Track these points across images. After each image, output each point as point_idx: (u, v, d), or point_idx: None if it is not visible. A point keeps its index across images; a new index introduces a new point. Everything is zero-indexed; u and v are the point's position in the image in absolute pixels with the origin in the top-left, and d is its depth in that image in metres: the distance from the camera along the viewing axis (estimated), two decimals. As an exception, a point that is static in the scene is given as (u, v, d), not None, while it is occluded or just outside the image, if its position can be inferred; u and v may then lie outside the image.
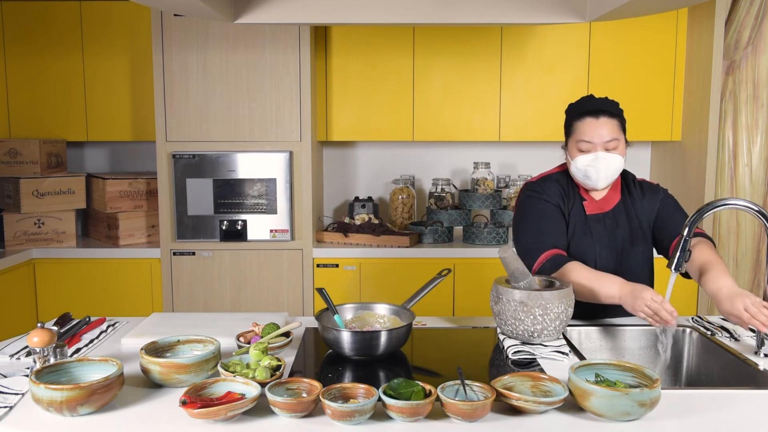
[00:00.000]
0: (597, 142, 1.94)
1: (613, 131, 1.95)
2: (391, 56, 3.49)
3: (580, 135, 1.96)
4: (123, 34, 3.50)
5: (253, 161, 3.25)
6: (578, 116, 1.99)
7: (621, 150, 1.97)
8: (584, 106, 2.00)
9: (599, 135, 1.94)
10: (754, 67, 3.26)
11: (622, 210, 2.05)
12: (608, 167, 1.95)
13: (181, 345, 1.63)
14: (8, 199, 3.42)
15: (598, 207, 2.04)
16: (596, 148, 1.94)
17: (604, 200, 2.05)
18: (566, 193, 2.05)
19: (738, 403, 1.44)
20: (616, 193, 2.07)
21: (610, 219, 2.03)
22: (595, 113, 1.96)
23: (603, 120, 1.95)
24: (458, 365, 1.46)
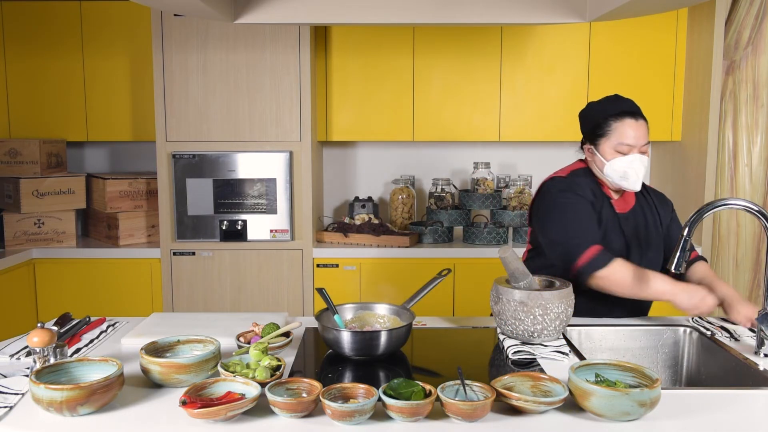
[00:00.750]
0: (637, 144, 1.95)
1: (647, 135, 1.98)
2: (391, 56, 3.49)
3: (622, 137, 1.95)
4: (123, 34, 3.50)
5: (253, 161, 3.25)
6: (616, 117, 1.96)
7: (648, 153, 2.01)
8: (621, 107, 1.98)
9: (638, 137, 1.95)
10: (754, 67, 3.26)
11: (639, 212, 2.08)
12: (644, 169, 1.97)
13: (181, 345, 1.63)
14: (8, 199, 3.42)
15: (623, 207, 2.06)
16: (635, 150, 1.95)
17: (624, 201, 2.07)
18: (593, 191, 2.05)
19: (738, 403, 1.44)
20: (632, 197, 2.09)
21: (634, 218, 2.06)
22: (634, 115, 1.96)
23: (641, 122, 1.97)
24: (458, 365, 1.46)
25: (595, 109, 2.04)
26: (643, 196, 2.12)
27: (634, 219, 2.06)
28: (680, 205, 3.56)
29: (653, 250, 2.05)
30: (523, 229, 3.49)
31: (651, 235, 2.06)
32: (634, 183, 1.97)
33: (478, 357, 1.79)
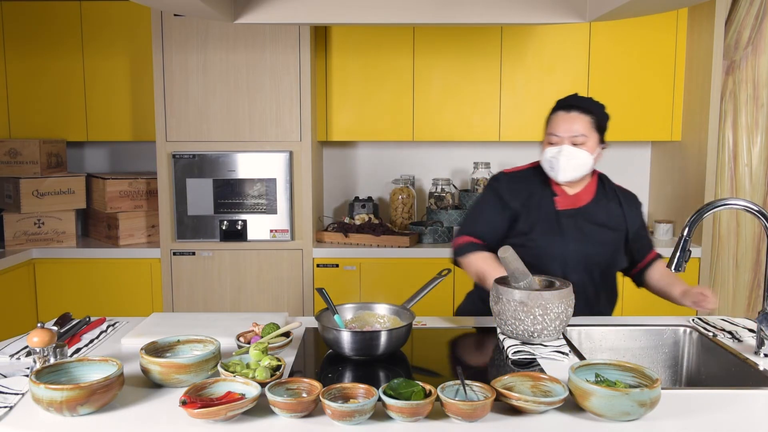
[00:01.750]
0: (563, 135, 1.98)
1: (583, 127, 1.99)
2: (391, 56, 3.49)
3: (551, 128, 2.02)
4: (123, 34, 3.50)
5: (253, 161, 3.25)
6: (553, 110, 2.05)
7: (589, 147, 2.00)
8: (561, 102, 2.05)
9: (566, 129, 1.98)
10: (754, 67, 3.26)
11: (594, 210, 2.08)
12: (570, 161, 1.98)
13: (181, 345, 1.63)
14: (8, 199, 3.42)
15: (570, 203, 2.07)
16: (563, 142, 1.99)
17: (576, 197, 2.08)
18: (536, 188, 2.09)
19: (738, 403, 1.44)
20: (589, 193, 2.09)
21: (582, 215, 2.06)
22: (567, 107, 2.01)
23: (573, 114, 1.99)
24: (458, 365, 1.46)
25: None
26: (605, 196, 2.11)
27: (580, 216, 2.06)
28: (680, 205, 3.56)
29: (603, 247, 2.05)
30: (523, 229, 3.49)
31: (602, 234, 2.05)
32: (557, 173, 2.01)
33: (478, 357, 1.79)
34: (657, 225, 3.61)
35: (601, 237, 2.05)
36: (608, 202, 2.10)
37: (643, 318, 2.10)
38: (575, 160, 1.98)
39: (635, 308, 3.41)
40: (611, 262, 2.08)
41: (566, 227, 2.03)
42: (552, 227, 2.04)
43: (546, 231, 2.03)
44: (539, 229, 2.04)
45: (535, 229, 2.04)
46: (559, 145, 1.99)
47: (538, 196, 2.08)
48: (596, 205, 2.09)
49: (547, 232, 2.03)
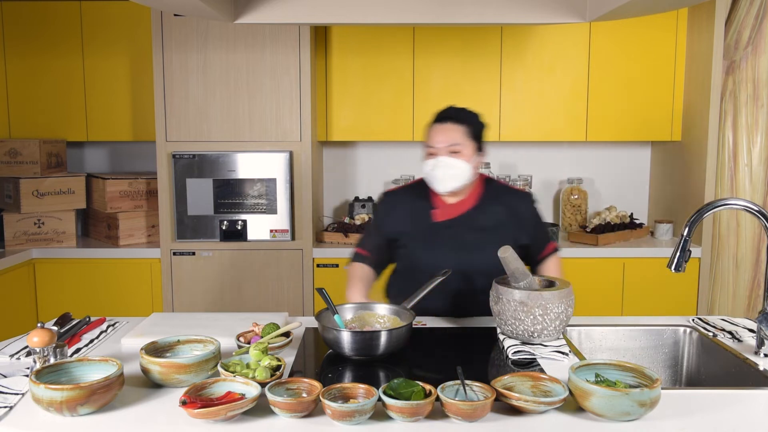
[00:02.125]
0: (439, 147, 2.01)
1: (456, 137, 2.00)
2: (391, 56, 3.49)
3: (428, 140, 2.05)
4: (123, 34, 3.50)
5: (253, 161, 3.25)
6: (429, 125, 2.07)
7: (465, 156, 2.01)
8: (437, 114, 2.08)
9: (441, 139, 2.01)
10: (754, 67, 3.26)
11: (475, 215, 2.08)
12: (447, 171, 2.00)
13: (181, 345, 1.63)
14: (8, 199, 3.42)
15: (447, 213, 2.09)
16: (440, 153, 2.00)
17: (455, 206, 2.09)
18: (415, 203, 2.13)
19: (738, 403, 1.44)
20: (471, 199, 2.10)
21: (459, 224, 2.07)
22: (442, 119, 2.03)
23: (447, 126, 2.02)
24: (458, 365, 1.46)
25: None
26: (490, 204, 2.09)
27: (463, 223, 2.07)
28: (680, 205, 3.56)
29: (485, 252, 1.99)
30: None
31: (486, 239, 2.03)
32: (437, 185, 2.03)
33: (478, 357, 1.79)
34: (657, 225, 3.61)
35: (484, 243, 2.03)
36: (494, 206, 2.10)
37: (643, 318, 2.10)
38: (452, 170, 2.00)
39: (635, 308, 3.42)
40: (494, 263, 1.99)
41: (442, 238, 2.06)
42: (426, 240, 2.07)
43: (420, 244, 2.07)
44: (414, 244, 2.09)
45: (411, 243, 2.09)
46: (437, 156, 2.01)
47: (417, 211, 2.12)
48: (478, 210, 2.09)
49: (421, 246, 2.07)
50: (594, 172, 3.93)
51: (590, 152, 3.92)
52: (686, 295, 3.40)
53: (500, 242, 2.00)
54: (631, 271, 3.38)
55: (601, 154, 3.92)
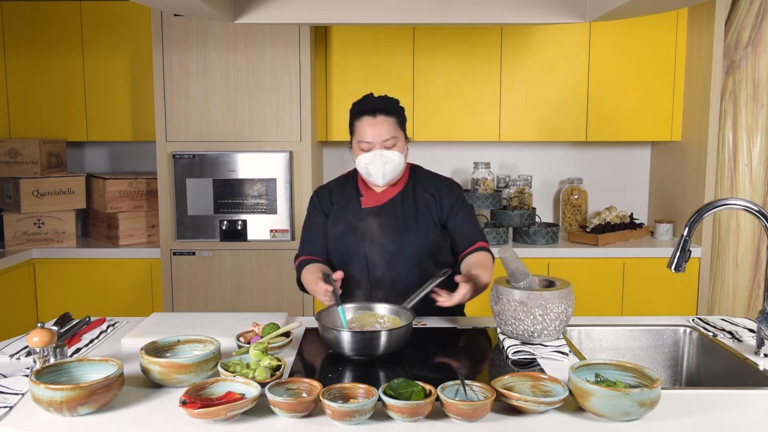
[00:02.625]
0: (375, 141, 2.01)
1: (390, 130, 2.02)
2: (391, 56, 3.49)
3: (360, 135, 2.03)
4: (123, 34, 3.50)
5: (253, 161, 3.25)
6: (357, 116, 2.06)
7: (399, 147, 2.04)
8: (362, 106, 2.06)
9: (376, 134, 2.00)
10: (754, 67, 3.26)
11: (400, 201, 2.10)
12: (386, 164, 2.01)
13: (181, 345, 1.63)
14: (8, 199, 3.42)
15: (374, 200, 2.10)
16: (375, 147, 2.01)
17: (382, 193, 2.11)
18: (342, 192, 2.14)
19: (738, 403, 1.44)
20: (397, 187, 2.11)
21: (385, 210, 2.08)
22: (372, 112, 2.02)
23: (380, 119, 2.02)
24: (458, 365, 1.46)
25: (351, 109, 2.12)
26: (414, 189, 2.12)
27: (388, 209, 2.08)
28: (680, 205, 3.56)
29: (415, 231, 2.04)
30: (524, 229, 3.49)
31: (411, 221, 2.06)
32: (376, 178, 2.03)
33: (478, 357, 1.79)
34: (657, 225, 3.61)
35: (408, 228, 2.05)
36: (419, 192, 2.11)
37: (643, 318, 2.10)
38: (390, 164, 2.02)
39: (635, 308, 3.42)
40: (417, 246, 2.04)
41: (366, 225, 2.06)
42: (354, 227, 2.07)
43: (349, 231, 2.07)
44: (343, 231, 2.08)
45: (340, 231, 2.09)
46: (372, 150, 2.01)
47: (345, 200, 2.13)
48: (401, 198, 2.10)
49: (349, 233, 2.07)
50: (594, 172, 3.93)
51: (590, 152, 3.92)
52: (686, 295, 3.40)
53: (424, 228, 2.06)
54: (631, 271, 3.38)
55: (601, 154, 3.92)
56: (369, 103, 2.06)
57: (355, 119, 2.07)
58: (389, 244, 2.04)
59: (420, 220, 2.07)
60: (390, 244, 2.03)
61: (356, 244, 2.05)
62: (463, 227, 2.11)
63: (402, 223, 2.06)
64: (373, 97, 2.09)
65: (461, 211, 2.11)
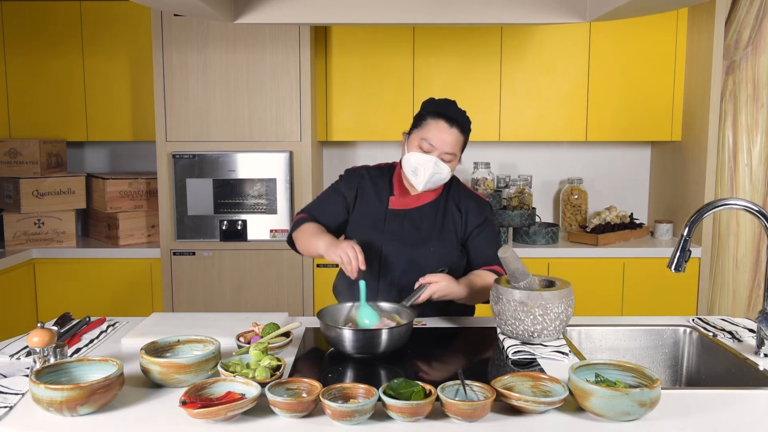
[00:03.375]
0: (440, 147, 1.95)
1: (456, 146, 1.97)
2: (391, 56, 3.49)
3: (427, 133, 1.96)
4: (123, 34, 3.50)
5: (253, 161, 3.25)
6: (435, 115, 1.97)
7: (453, 165, 2.00)
8: (444, 109, 1.99)
9: (444, 142, 1.95)
10: (754, 67, 3.26)
11: (428, 210, 2.06)
12: (435, 174, 1.96)
13: (181, 345, 1.63)
14: (8, 199, 3.42)
15: (404, 203, 2.06)
16: (434, 152, 1.95)
17: (414, 197, 2.07)
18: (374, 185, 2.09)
19: (738, 403, 1.44)
20: (430, 195, 2.07)
21: (411, 216, 2.05)
22: (451, 121, 1.96)
23: (454, 130, 1.96)
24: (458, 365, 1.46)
25: (427, 102, 2.05)
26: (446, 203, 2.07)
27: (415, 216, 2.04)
28: (680, 205, 3.56)
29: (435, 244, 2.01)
30: (524, 229, 3.49)
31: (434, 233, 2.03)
32: (419, 182, 1.98)
33: (478, 357, 1.79)
34: (657, 225, 3.61)
35: (424, 241, 2.02)
36: (448, 207, 2.07)
37: (643, 318, 2.10)
38: (439, 175, 1.97)
39: (635, 308, 3.42)
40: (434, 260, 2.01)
41: (388, 226, 2.03)
42: (377, 225, 2.03)
43: (371, 228, 2.03)
44: (365, 223, 2.05)
45: (362, 222, 2.06)
46: (431, 153, 1.96)
47: (376, 192, 2.08)
48: (431, 208, 2.06)
49: (371, 229, 2.03)
50: (594, 172, 3.93)
51: (590, 152, 3.92)
52: (686, 295, 3.40)
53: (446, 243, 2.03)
54: (631, 271, 3.38)
55: (601, 154, 3.92)
56: (451, 110, 1.99)
57: (430, 116, 1.98)
58: (407, 251, 2.01)
59: (443, 235, 2.03)
60: (408, 252, 2.01)
61: (373, 241, 2.01)
62: (483, 249, 2.06)
63: (425, 233, 2.03)
64: (456, 106, 2.02)
65: (484, 233, 2.06)
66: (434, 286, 1.87)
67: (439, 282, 1.87)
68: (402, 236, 2.02)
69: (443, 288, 1.87)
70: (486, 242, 2.06)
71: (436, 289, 1.87)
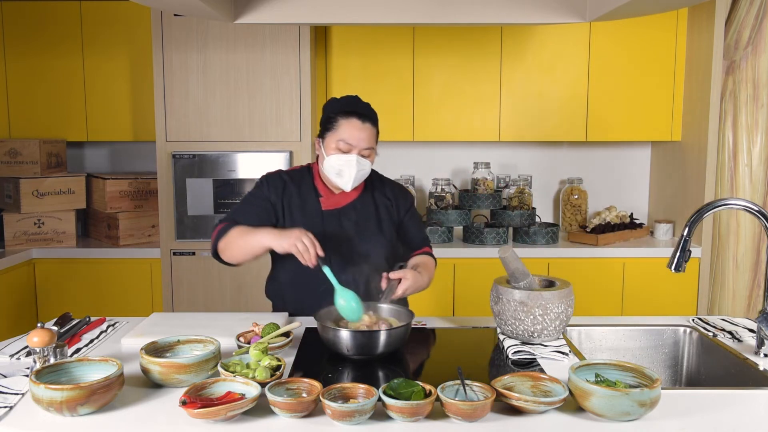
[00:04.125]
0: (358, 146, 1.97)
1: (371, 140, 2.00)
2: (391, 56, 3.49)
3: (344, 134, 1.97)
4: (123, 34, 3.50)
5: (253, 161, 3.25)
6: (345, 115, 1.99)
7: (372, 158, 2.03)
8: (352, 107, 2.01)
9: (360, 139, 1.97)
10: (754, 67, 3.26)
11: (358, 205, 2.09)
12: (359, 171, 1.98)
13: (181, 345, 1.63)
14: (8, 199, 3.42)
15: (334, 203, 2.08)
16: (354, 151, 1.97)
17: (341, 196, 2.09)
18: (298, 189, 2.08)
19: (738, 403, 1.44)
20: (356, 190, 2.10)
21: (345, 214, 2.07)
22: (362, 117, 1.98)
23: (367, 126, 1.99)
24: (458, 365, 1.46)
25: (332, 104, 2.05)
26: (373, 194, 2.12)
27: (348, 213, 2.07)
28: (680, 205, 3.56)
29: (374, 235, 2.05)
30: (524, 229, 3.49)
31: (370, 224, 2.07)
32: (346, 182, 1.99)
33: (478, 357, 1.79)
34: (657, 225, 3.61)
35: (367, 234, 2.06)
36: (375, 196, 2.12)
37: (643, 318, 2.10)
38: (362, 171, 1.99)
39: (635, 308, 3.42)
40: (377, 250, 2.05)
41: (328, 227, 2.04)
42: (314, 226, 2.01)
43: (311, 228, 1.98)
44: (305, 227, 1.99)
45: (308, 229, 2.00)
46: (350, 153, 1.97)
47: (304, 198, 2.08)
48: (362, 202, 2.10)
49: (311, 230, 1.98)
50: (594, 172, 3.93)
51: (590, 152, 3.92)
52: (686, 295, 3.40)
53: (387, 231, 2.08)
54: (631, 271, 3.38)
55: (601, 154, 3.93)
56: (359, 107, 2.02)
57: (340, 117, 1.99)
58: (356, 247, 2.03)
59: (383, 224, 2.09)
60: (357, 247, 2.03)
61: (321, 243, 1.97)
62: (413, 233, 2.16)
63: (366, 226, 2.07)
64: (361, 101, 2.04)
65: (413, 217, 2.17)
66: (405, 283, 1.89)
67: (408, 278, 1.89)
68: (344, 234, 2.04)
69: (412, 283, 1.90)
70: (415, 226, 2.18)
71: (407, 286, 1.89)
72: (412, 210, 2.19)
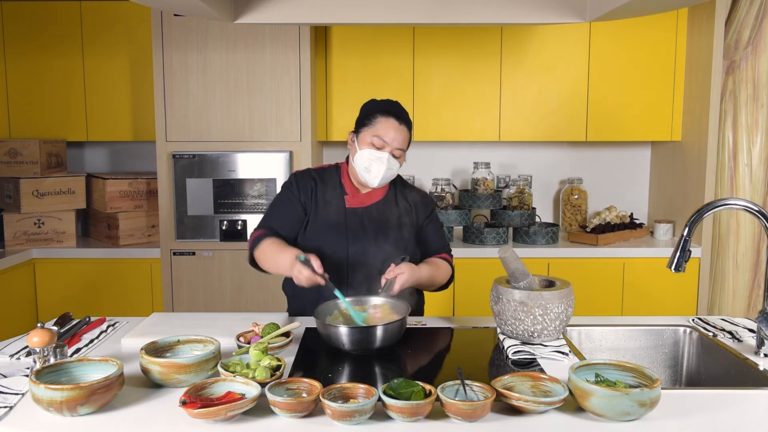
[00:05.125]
0: (392, 144, 2.00)
1: (405, 142, 2.04)
2: (391, 56, 3.49)
3: (380, 131, 2.01)
4: (123, 34, 3.50)
5: (253, 161, 3.25)
6: (384, 113, 2.03)
7: (401, 162, 2.06)
8: (391, 107, 2.06)
9: (395, 139, 2.00)
10: (754, 67, 3.26)
11: (383, 207, 2.11)
12: (388, 171, 2.01)
13: (181, 345, 1.63)
14: (8, 199, 3.42)
15: (359, 201, 2.10)
16: (386, 149, 2.00)
17: (366, 196, 2.11)
18: (326, 187, 2.11)
19: (738, 403, 1.44)
20: (381, 191, 2.12)
21: (368, 213, 2.09)
22: (400, 118, 2.03)
23: (403, 128, 2.03)
24: (458, 365, 1.46)
25: (372, 102, 2.10)
26: (396, 197, 2.14)
27: (372, 213, 2.08)
28: (680, 205, 3.56)
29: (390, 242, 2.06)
30: (524, 229, 3.49)
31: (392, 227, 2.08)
32: (373, 178, 2.01)
33: (478, 357, 1.79)
34: (657, 225, 3.61)
35: (386, 236, 2.07)
36: (398, 200, 2.14)
37: (643, 318, 2.10)
38: (391, 171, 2.02)
39: (635, 308, 3.42)
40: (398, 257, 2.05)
41: (350, 225, 2.06)
42: (339, 225, 2.05)
43: (334, 228, 2.05)
44: (325, 225, 2.06)
45: (322, 224, 2.07)
46: (383, 150, 2.00)
47: (329, 194, 2.10)
48: (385, 203, 2.11)
49: (335, 229, 2.05)
50: (594, 172, 3.93)
51: (590, 152, 3.92)
52: (686, 295, 3.40)
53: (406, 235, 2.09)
54: (631, 271, 3.38)
55: (601, 154, 3.93)
56: (398, 109, 2.06)
57: (379, 114, 2.03)
58: (374, 247, 2.04)
59: (403, 227, 2.10)
60: (375, 248, 2.04)
61: (339, 240, 2.04)
62: (432, 239, 2.18)
63: (385, 227, 2.08)
64: (401, 106, 2.09)
65: (432, 224, 2.19)
66: (402, 277, 1.91)
67: (404, 272, 1.92)
68: (365, 233, 2.05)
69: (408, 277, 1.92)
70: (435, 232, 2.19)
71: (403, 280, 1.91)
72: (433, 216, 2.19)
